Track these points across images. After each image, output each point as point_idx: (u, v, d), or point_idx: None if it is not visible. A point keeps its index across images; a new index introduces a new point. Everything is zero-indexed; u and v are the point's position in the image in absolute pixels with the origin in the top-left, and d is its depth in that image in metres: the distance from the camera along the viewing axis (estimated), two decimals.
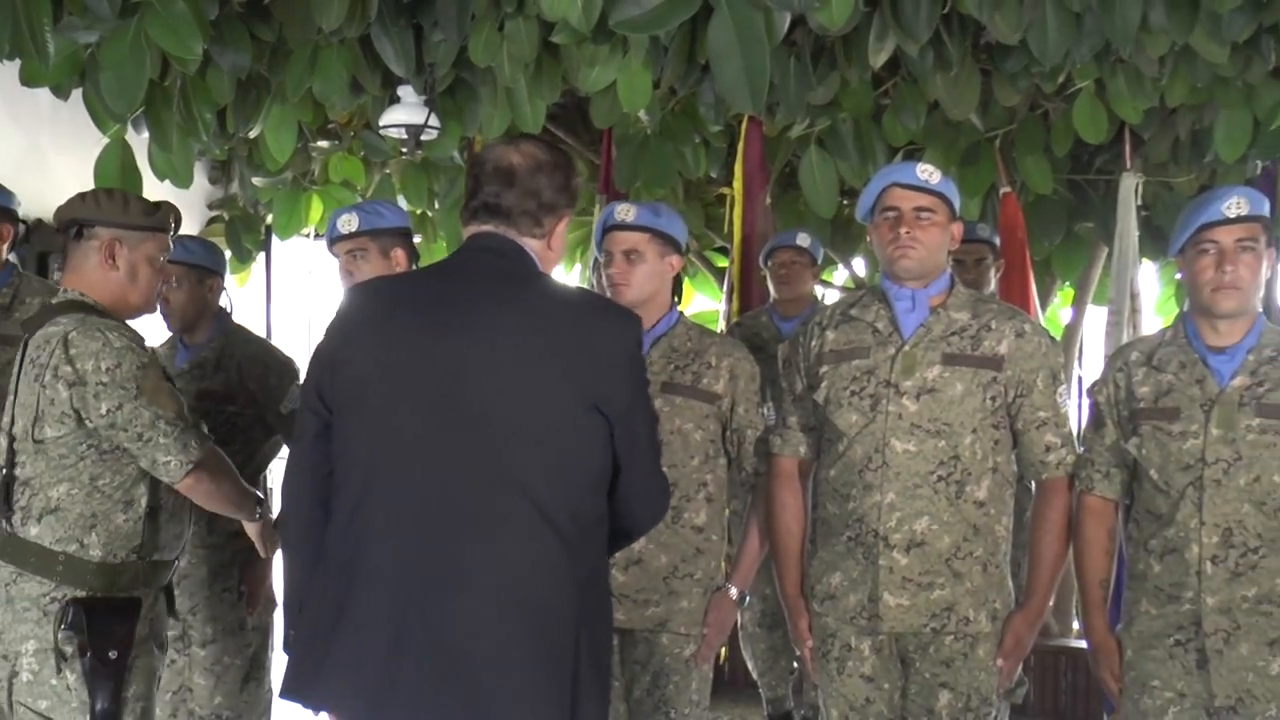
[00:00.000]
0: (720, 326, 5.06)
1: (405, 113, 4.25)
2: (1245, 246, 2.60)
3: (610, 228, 3.00)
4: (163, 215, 2.76)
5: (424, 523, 2.05)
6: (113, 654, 2.57)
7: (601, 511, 2.16)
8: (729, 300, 4.83)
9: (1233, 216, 2.59)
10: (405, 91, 4.20)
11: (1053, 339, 2.90)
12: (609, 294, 2.98)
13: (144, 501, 2.68)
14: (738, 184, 4.50)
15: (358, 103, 4.13)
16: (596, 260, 3.26)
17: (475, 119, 4.04)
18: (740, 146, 4.48)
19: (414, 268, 3.13)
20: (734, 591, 3.02)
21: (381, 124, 4.33)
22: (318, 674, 2.08)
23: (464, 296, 2.12)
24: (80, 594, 2.59)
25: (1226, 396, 2.63)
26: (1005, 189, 4.46)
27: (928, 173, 2.79)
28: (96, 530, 2.62)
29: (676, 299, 3.10)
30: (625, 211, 2.99)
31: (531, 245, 2.19)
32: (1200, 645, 2.62)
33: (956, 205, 2.85)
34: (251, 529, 2.94)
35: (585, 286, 5.03)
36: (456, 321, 2.09)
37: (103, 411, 2.57)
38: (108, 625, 2.59)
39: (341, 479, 2.13)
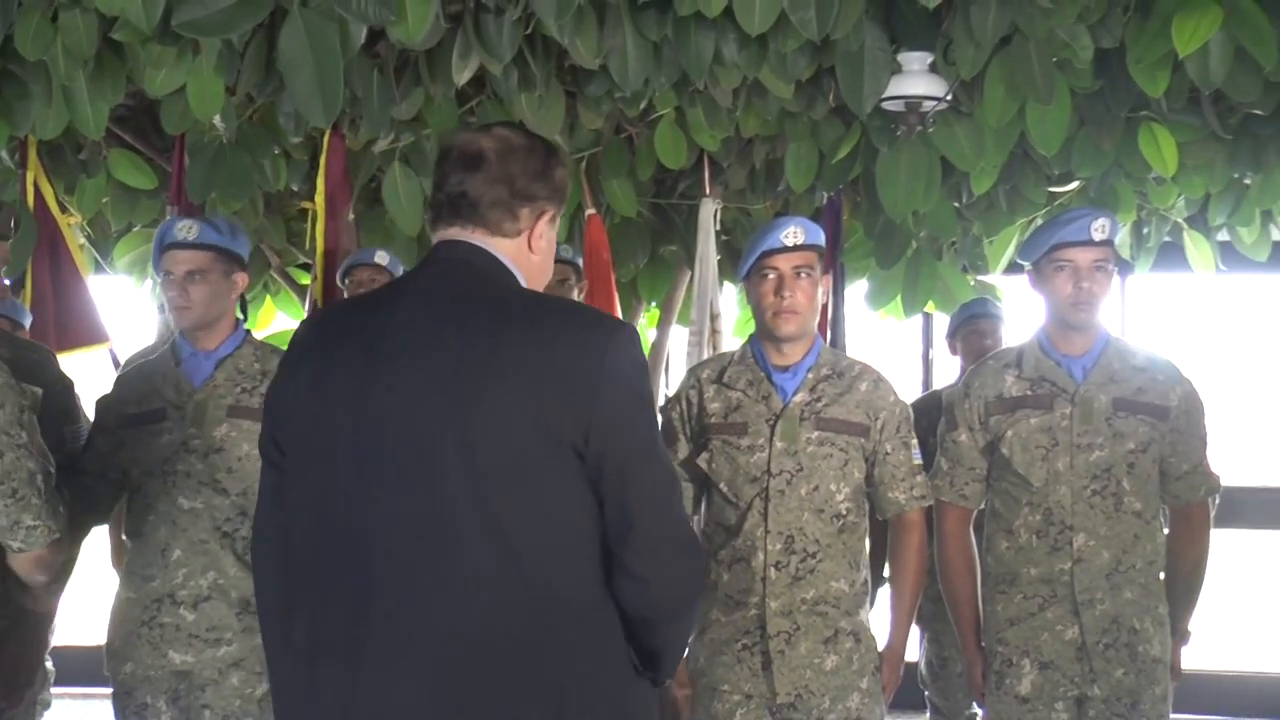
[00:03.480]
0: None
1: None
2: (802, 273, 2.92)
3: (170, 246, 2.97)
4: None
5: (370, 592, 1.85)
6: None
7: (598, 590, 1.89)
8: None
9: (790, 244, 2.90)
10: None
11: None
12: (171, 316, 2.94)
13: None
14: (320, 198, 4.48)
15: None
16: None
17: (27, 118, 3.84)
18: (322, 160, 4.47)
19: None
20: None
21: None
22: None
23: (406, 324, 1.90)
24: None
25: (789, 412, 2.94)
26: (590, 211, 4.69)
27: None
28: None
29: (242, 318, 3.10)
30: (186, 229, 2.97)
31: (505, 249, 1.97)
32: (765, 648, 2.91)
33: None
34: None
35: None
36: (394, 355, 1.88)
37: None
38: None
39: (294, 541, 1.95)
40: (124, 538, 3.26)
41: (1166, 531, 3.24)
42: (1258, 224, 5.06)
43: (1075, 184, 4.71)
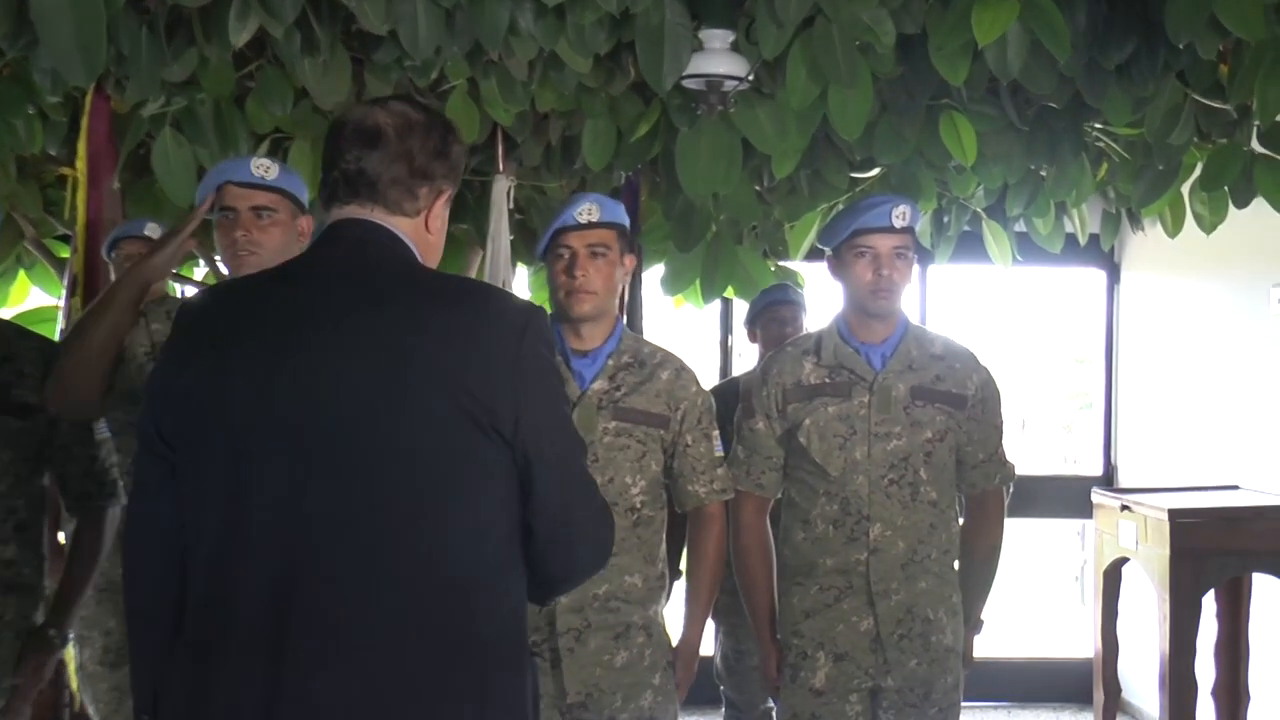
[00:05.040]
0: (60, 324, 4.84)
1: None
2: (596, 252, 2.93)
3: None
4: None
5: (292, 587, 1.83)
6: None
7: (504, 560, 1.93)
8: (70, 295, 4.63)
9: (584, 221, 2.91)
10: None
11: None
12: None
13: None
14: (81, 164, 4.32)
15: None
16: None
17: None
18: (84, 122, 4.30)
19: None
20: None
21: None
22: None
23: (318, 303, 1.90)
24: None
25: (586, 400, 2.95)
26: None
27: (263, 168, 2.90)
28: None
29: None
30: None
31: (405, 228, 1.98)
32: (554, 645, 2.91)
33: (304, 198, 2.98)
34: None
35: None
36: (309, 337, 1.87)
37: None
38: None
39: (192, 536, 1.90)
40: None
41: (961, 520, 3.37)
42: (1052, 215, 5.30)
43: (877, 170, 4.85)
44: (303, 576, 1.83)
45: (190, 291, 5.38)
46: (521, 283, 5.58)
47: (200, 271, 5.95)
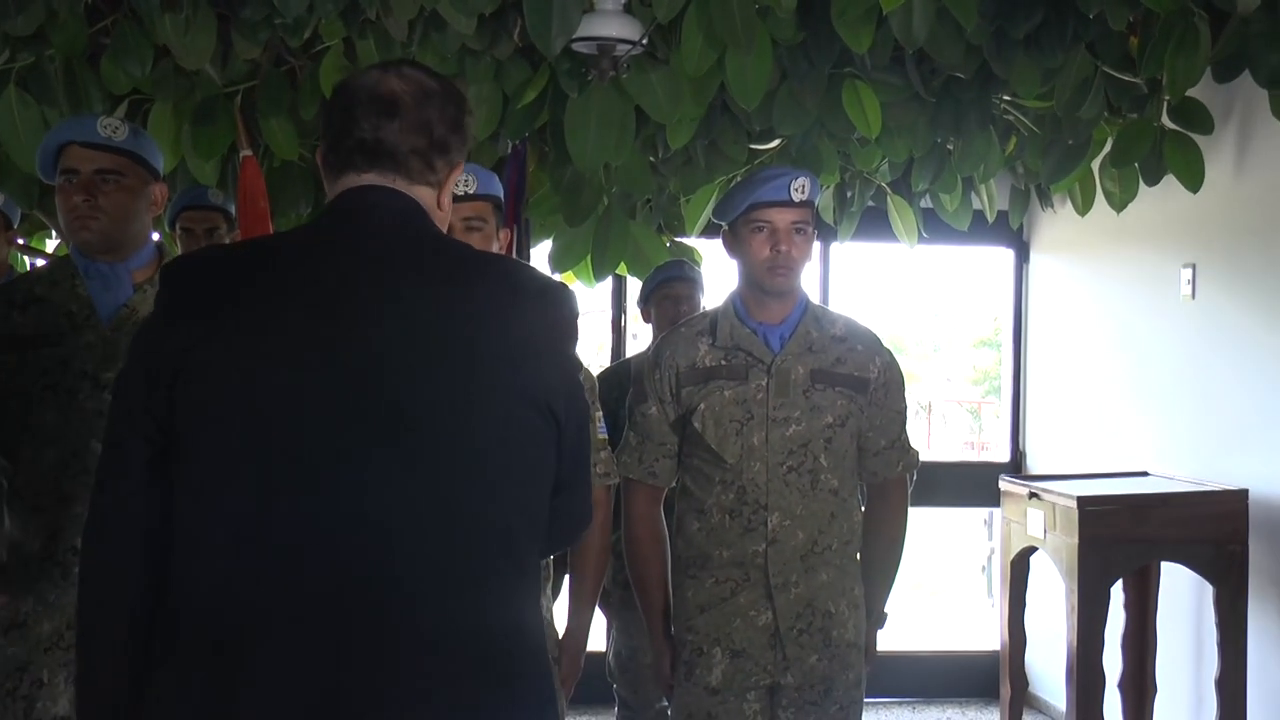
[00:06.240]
0: None
1: None
2: (472, 226, 2.88)
3: None
4: None
5: (351, 571, 1.75)
6: None
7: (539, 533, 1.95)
8: None
9: (460, 194, 2.84)
10: None
11: None
12: None
13: None
14: None
15: None
16: None
17: None
18: None
19: None
20: None
21: None
22: None
23: (365, 272, 1.83)
24: None
25: None
26: (246, 152, 4.49)
27: (111, 128, 2.78)
28: None
29: None
30: None
31: (425, 198, 1.94)
32: None
33: (158, 164, 2.87)
34: None
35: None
36: (353, 315, 1.80)
37: None
38: None
39: (191, 531, 1.78)
40: None
41: (863, 509, 3.35)
42: (959, 191, 5.31)
43: (777, 142, 4.82)
44: (373, 574, 1.76)
45: (40, 264, 5.21)
46: None
47: (52, 243, 5.77)
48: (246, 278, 1.87)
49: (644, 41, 3.73)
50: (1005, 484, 5.10)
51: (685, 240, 5.52)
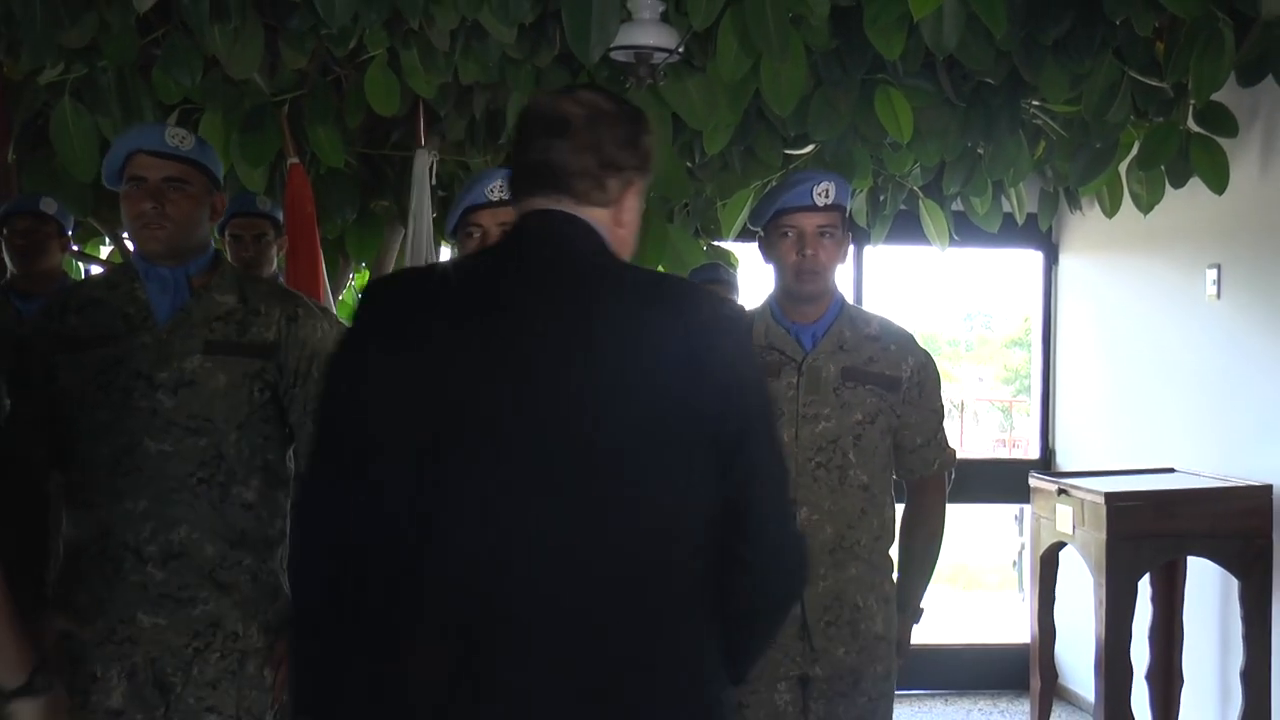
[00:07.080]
0: None
1: None
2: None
3: None
4: None
5: (495, 587, 1.82)
6: None
7: (694, 596, 1.91)
8: None
9: (495, 200, 2.90)
10: None
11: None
12: None
13: None
14: None
15: None
16: None
17: None
18: None
19: None
20: None
21: None
22: None
23: (546, 298, 1.89)
24: None
25: None
26: (293, 160, 4.58)
27: (179, 137, 2.84)
28: None
29: None
30: None
31: (598, 219, 1.97)
32: None
33: (219, 174, 2.94)
34: None
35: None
36: (513, 336, 1.86)
37: None
38: None
39: (369, 531, 1.86)
40: None
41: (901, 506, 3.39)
42: (990, 195, 5.35)
43: (811, 147, 4.87)
44: (507, 577, 1.82)
45: (96, 270, 5.31)
46: (446, 257, 5.54)
47: (105, 250, 5.87)
48: (423, 297, 1.95)
49: (680, 50, 3.79)
50: (1035, 480, 5.14)
51: (721, 244, 5.57)
